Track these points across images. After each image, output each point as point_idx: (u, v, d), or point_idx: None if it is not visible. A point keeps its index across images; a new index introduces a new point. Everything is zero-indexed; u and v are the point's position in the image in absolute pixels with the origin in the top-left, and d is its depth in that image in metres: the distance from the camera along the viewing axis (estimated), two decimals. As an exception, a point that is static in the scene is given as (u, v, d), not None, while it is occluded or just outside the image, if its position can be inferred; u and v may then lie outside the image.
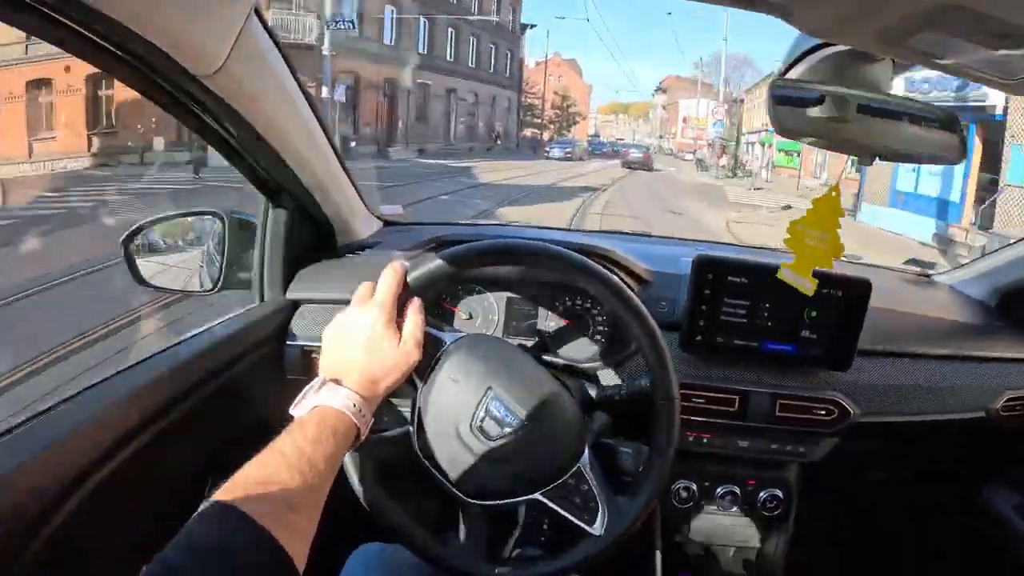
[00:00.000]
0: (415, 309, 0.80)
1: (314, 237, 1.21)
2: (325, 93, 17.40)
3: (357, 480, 0.83)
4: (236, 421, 1.05)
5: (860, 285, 1.07)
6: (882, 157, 0.79)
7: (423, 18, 26.12)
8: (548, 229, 1.60)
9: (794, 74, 0.75)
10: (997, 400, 1.17)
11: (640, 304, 0.86)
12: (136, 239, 1.12)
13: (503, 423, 0.81)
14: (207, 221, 1.19)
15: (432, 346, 0.84)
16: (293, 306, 1.16)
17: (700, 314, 1.09)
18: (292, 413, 0.71)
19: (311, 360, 1.11)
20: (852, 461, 1.28)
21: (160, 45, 0.69)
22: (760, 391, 1.11)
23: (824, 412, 1.11)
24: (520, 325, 1.20)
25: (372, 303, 0.78)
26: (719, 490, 1.21)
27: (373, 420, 0.75)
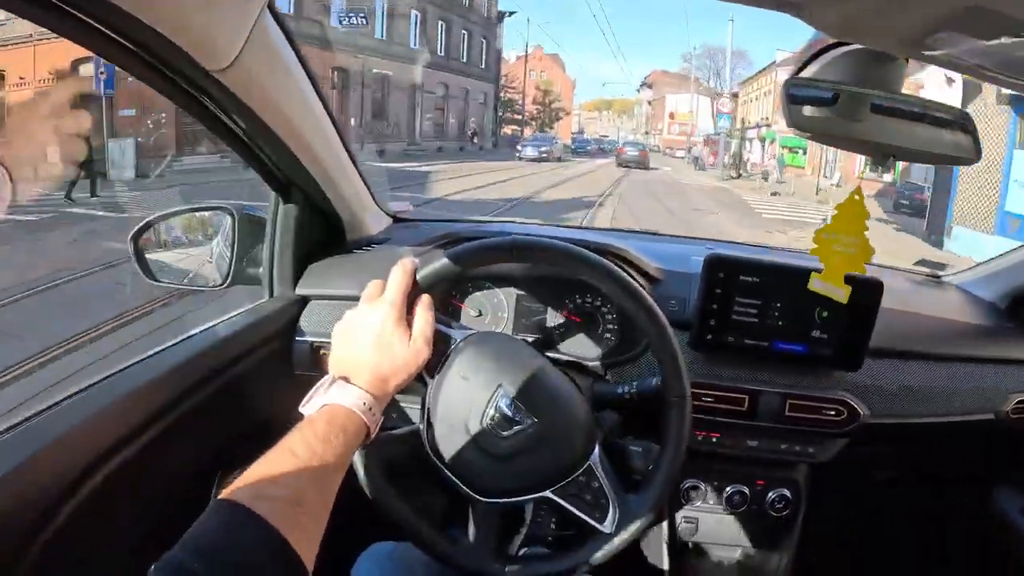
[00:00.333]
0: (425, 306, 0.80)
1: (324, 233, 1.21)
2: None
3: (367, 479, 0.83)
4: (244, 417, 1.06)
5: (872, 286, 1.06)
6: (896, 157, 0.78)
7: (381, -3, 22.10)
8: (559, 227, 1.60)
9: (808, 72, 0.74)
10: (1007, 402, 1.17)
11: (650, 299, 0.86)
12: (145, 235, 1.13)
13: (513, 420, 0.81)
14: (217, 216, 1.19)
15: (442, 343, 0.84)
16: (303, 302, 1.16)
17: (711, 313, 1.09)
18: (302, 411, 0.71)
19: (320, 356, 1.11)
20: (861, 462, 1.27)
21: (172, 39, 0.69)
22: (770, 391, 1.11)
23: (834, 412, 1.10)
24: (530, 322, 1.20)
25: (382, 301, 0.78)
26: (728, 490, 1.21)
27: (382, 419, 0.75)
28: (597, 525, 0.83)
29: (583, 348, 1.17)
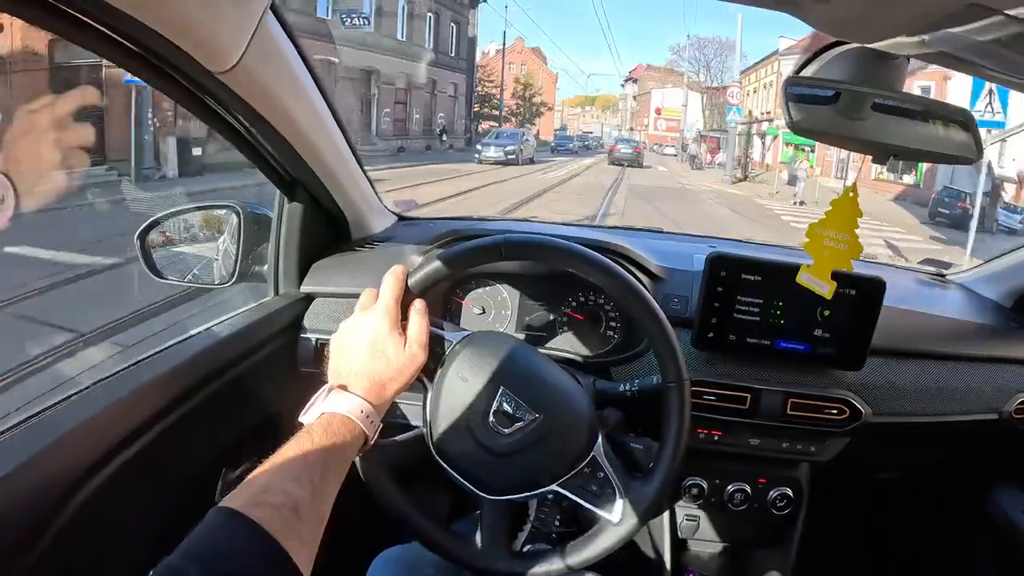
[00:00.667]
0: (419, 311, 0.81)
1: (329, 231, 1.22)
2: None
3: (377, 486, 0.83)
4: (249, 413, 1.06)
5: (874, 284, 1.06)
6: (897, 156, 0.78)
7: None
8: (561, 225, 1.60)
9: (808, 71, 0.74)
10: (1010, 402, 1.16)
11: (641, 288, 0.86)
12: (152, 233, 1.14)
13: (515, 417, 0.82)
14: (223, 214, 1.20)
15: (438, 346, 0.84)
16: (307, 299, 1.17)
17: (713, 311, 1.09)
18: (301, 420, 0.72)
19: (324, 353, 1.12)
20: (862, 461, 1.27)
21: (176, 41, 0.70)
22: (772, 389, 1.11)
23: (835, 412, 1.10)
24: (533, 319, 1.20)
25: (375, 308, 0.79)
26: (729, 488, 1.21)
27: (382, 425, 0.76)
28: (605, 515, 0.84)
29: (586, 345, 1.18)
